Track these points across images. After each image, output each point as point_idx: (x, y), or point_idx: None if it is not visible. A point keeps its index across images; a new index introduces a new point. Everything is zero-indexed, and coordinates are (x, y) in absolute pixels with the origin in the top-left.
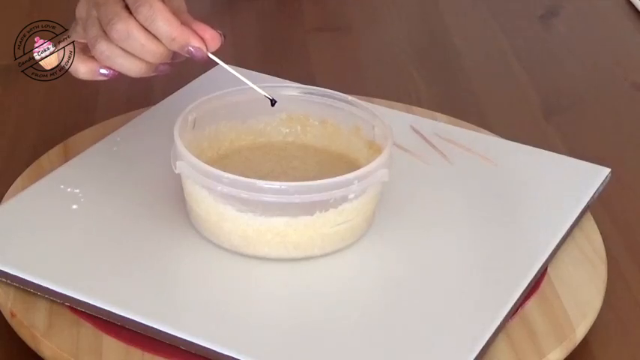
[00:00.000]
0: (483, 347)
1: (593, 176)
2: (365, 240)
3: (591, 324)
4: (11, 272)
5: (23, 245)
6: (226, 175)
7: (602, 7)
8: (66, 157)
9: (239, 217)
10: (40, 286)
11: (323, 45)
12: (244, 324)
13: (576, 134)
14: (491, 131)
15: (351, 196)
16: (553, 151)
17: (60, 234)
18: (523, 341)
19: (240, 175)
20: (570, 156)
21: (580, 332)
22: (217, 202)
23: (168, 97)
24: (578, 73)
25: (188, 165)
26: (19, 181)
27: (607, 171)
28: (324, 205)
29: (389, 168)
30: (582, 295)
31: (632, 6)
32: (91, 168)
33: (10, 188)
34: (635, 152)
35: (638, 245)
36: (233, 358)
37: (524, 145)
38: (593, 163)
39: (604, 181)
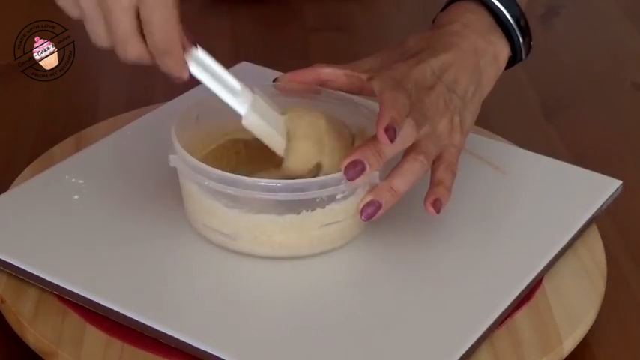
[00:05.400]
0: (464, 354)
1: (602, 188)
2: (356, 243)
3: (581, 338)
4: (3, 258)
5: (19, 233)
6: (214, 170)
7: (602, 7)
8: (77, 149)
9: (227, 212)
10: (30, 273)
11: (323, 45)
12: (228, 321)
13: (576, 134)
14: (491, 131)
15: (339, 196)
16: (553, 151)
17: (57, 224)
18: (507, 351)
19: (234, 171)
20: (570, 156)
21: (567, 345)
22: (206, 198)
23: (187, 92)
24: (578, 73)
25: (180, 159)
26: (27, 170)
27: (618, 183)
28: (310, 205)
29: (382, 170)
30: (575, 308)
31: (633, 6)
32: (99, 160)
33: (18, 177)
34: (635, 152)
35: (638, 245)
36: (215, 355)
37: (530, 153)
38: (592, 162)
39: (613, 193)
